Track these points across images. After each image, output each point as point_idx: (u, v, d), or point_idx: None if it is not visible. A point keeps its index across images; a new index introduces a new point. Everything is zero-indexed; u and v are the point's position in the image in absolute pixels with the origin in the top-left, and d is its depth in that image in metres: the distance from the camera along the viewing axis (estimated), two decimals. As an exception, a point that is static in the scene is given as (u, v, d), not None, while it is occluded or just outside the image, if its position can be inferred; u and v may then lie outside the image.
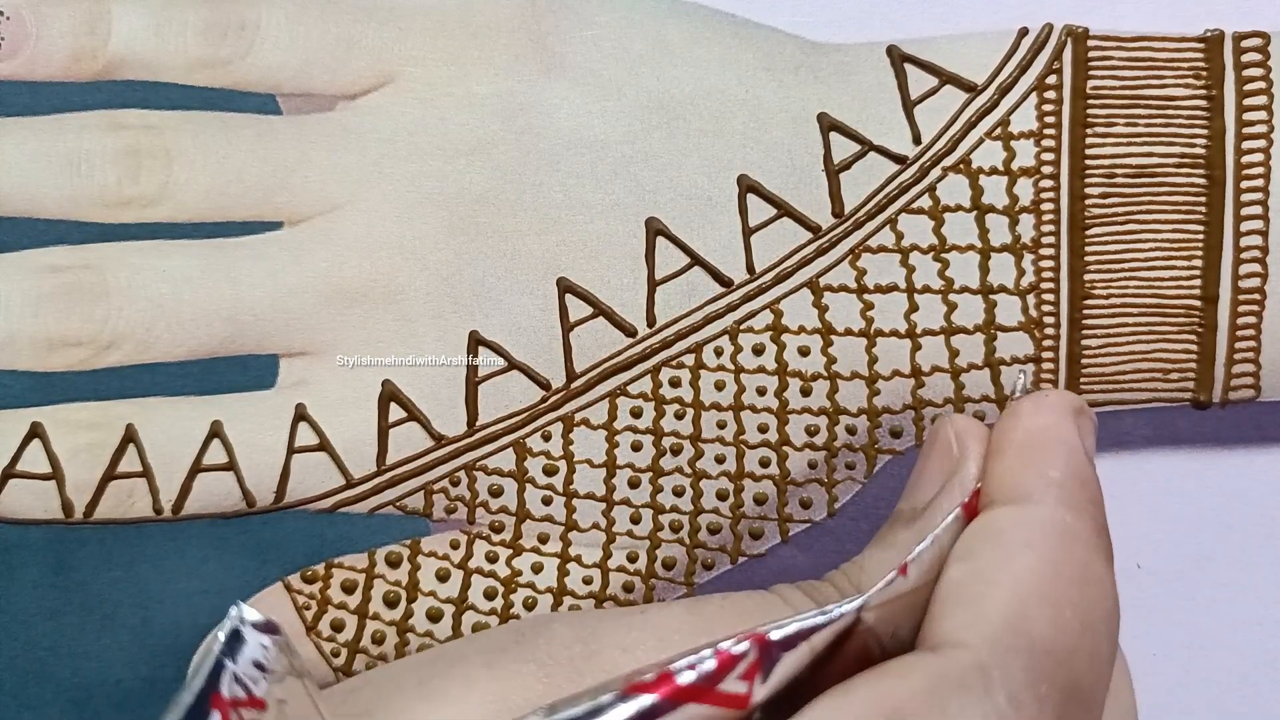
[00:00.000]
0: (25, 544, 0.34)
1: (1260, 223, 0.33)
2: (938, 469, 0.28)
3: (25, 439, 0.32)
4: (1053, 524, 0.24)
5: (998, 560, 0.24)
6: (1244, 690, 0.39)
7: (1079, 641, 0.23)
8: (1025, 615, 0.23)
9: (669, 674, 0.21)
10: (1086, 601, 0.24)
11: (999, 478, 0.26)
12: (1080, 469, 0.26)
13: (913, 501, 0.28)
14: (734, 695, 0.22)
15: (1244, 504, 0.38)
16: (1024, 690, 0.22)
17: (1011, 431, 0.26)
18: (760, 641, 0.22)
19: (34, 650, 0.35)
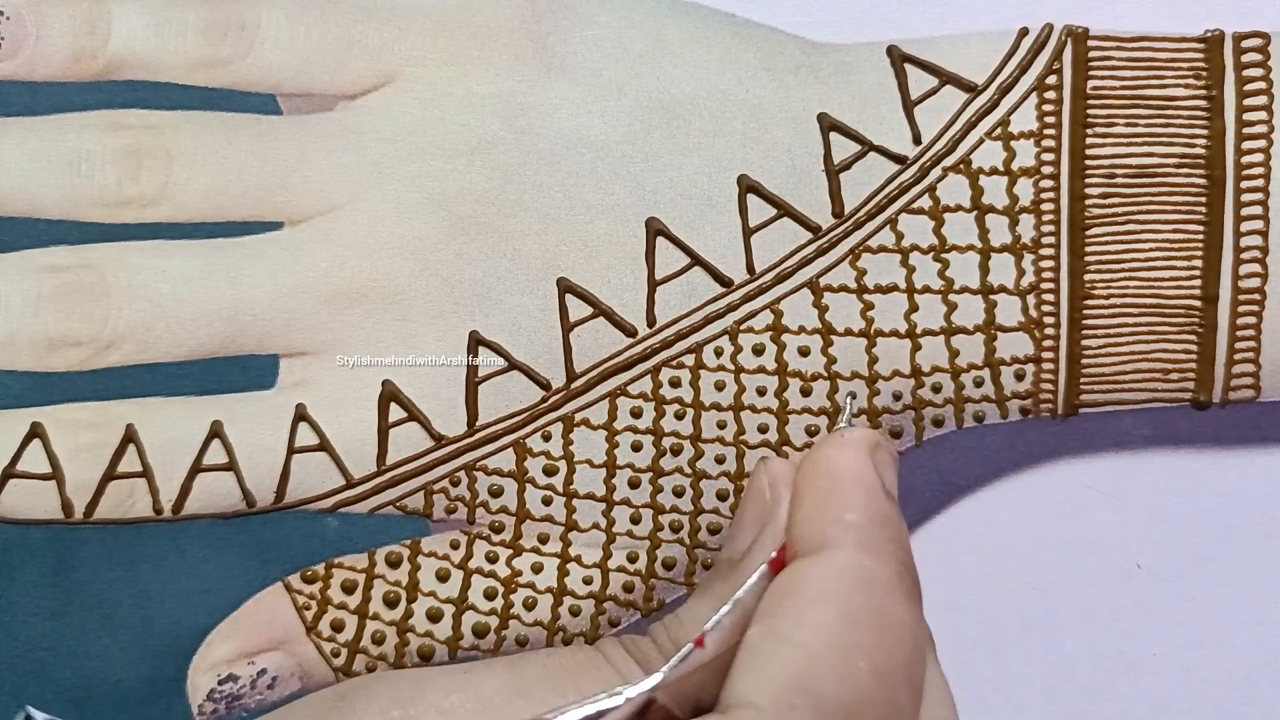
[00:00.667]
0: (25, 544, 0.34)
1: (1260, 223, 0.33)
2: (752, 517, 0.27)
3: (25, 439, 0.32)
4: (849, 570, 0.24)
5: (793, 616, 0.24)
6: (1244, 690, 0.39)
7: (873, 693, 0.23)
8: (814, 672, 0.23)
9: None
10: (882, 649, 0.24)
11: (798, 526, 0.25)
12: (879, 509, 0.25)
13: (730, 552, 0.27)
14: None
15: (1244, 504, 0.38)
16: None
17: (810, 476, 0.26)
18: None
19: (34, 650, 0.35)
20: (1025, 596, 0.38)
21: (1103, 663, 0.38)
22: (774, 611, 0.24)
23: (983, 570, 0.38)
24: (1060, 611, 0.38)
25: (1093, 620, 0.38)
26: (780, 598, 0.24)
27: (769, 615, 0.24)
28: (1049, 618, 0.38)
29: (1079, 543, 0.38)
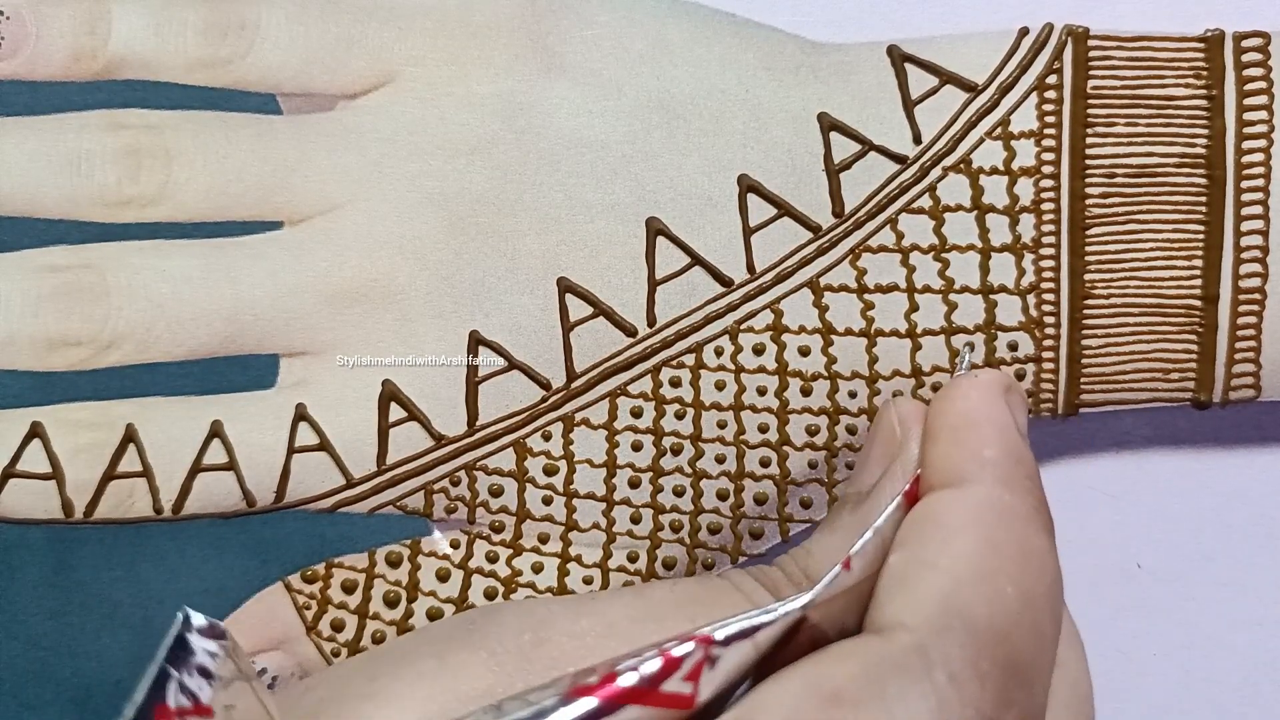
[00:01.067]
0: (25, 544, 0.34)
1: (1260, 223, 0.33)
2: (881, 453, 0.28)
3: (25, 439, 0.32)
4: (989, 503, 0.24)
5: (936, 544, 0.24)
6: (1244, 690, 0.39)
7: (1019, 617, 0.23)
8: (962, 595, 0.23)
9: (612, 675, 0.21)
10: (1026, 577, 0.24)
11: (935, 461, 0.26)
12: (1014, 447, 0.26)
13: (858, 486, 0.28)
14: (678, 695, 0.22)
15: (1244, 504, 0.38)
16: (964, 668, 0.22)
17: (944, 414, 0.26)
18: (704, 642, 0.22)
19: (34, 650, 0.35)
20: (1025, 596, 0.38)
21: (1103, 663, 0.38)
22: (916, 539, 0.24)
23: (983, 570, 0.38)
24: (1060, 611, 0.38)
25: (1093, 620, 0.38)
26: (921, 526, 0.25)
27: (911, 543, 0.24)
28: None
29: (1079, 543, 0.38)
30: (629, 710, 0.21)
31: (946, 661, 0.22)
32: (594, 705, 0.21)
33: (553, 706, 0.21)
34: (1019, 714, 0.23)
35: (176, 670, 0.20)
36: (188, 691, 0.20)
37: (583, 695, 0.21)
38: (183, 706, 0.20)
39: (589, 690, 0.21)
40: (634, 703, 0.21)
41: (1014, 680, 0.23)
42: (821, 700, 0.21)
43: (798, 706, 0.21)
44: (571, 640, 0.24)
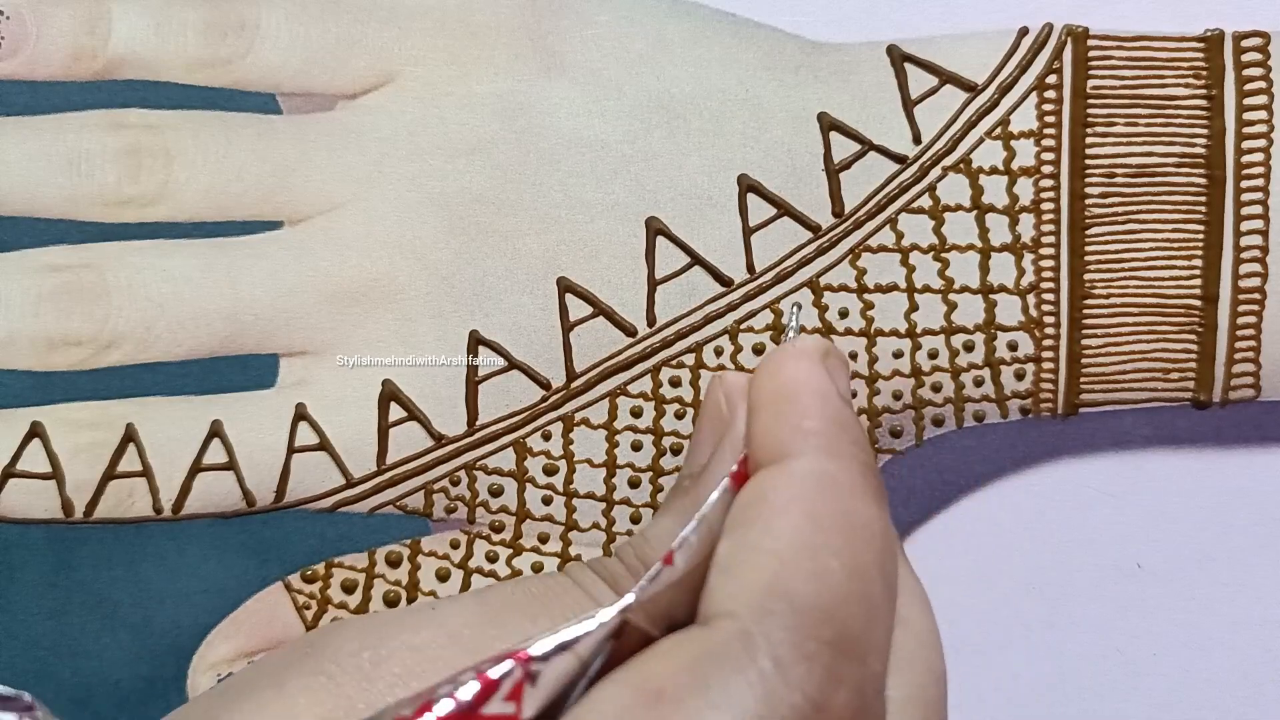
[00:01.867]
0: (25, 544, 0.34)
1: (1260, 223, 0.33)
2: (709, 431, 0.27)
3: (25, 439, 0.32)
4: (811, 475, 0.24)
5: (760, 525, 0.24)
6: (1244, 690, 0.39)
7: (846, 590, 0.23)
8: (785, 575, 0.23)
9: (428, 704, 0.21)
10: (851, 548, 0.23)
11: (759, 437, 0.25)
12: (836, 413, 0.25)
13: (690, 467, 0.27)
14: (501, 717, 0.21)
15: (1244, 504, 0.38)
16: (788, 651, 0.22)
17: (764, 388, 0.26)
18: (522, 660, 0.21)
19: (35, 650, 0.35)
20: (1025, 596, 0.38)
21: (1103, 663, 0.38)
22: (741, 523, 0.24)
23: (983, 570, 0.38)
24: (1060, 611, 0.38)
25: (1093, 620, 0.38)
26: (746, 509, 0.24)
27: (737, 528, 0.24)
28: (1049, 618, 0.38)
29: (1079, 543, 0.38)
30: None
31: (770, 646, 0.22)
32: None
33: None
34: (851, 689, 0.22)
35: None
36: None
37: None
38: None
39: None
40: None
41: (843, 656, 0.22)
42: (645, 699, 0.21)
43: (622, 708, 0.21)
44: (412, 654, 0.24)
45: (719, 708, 0.21)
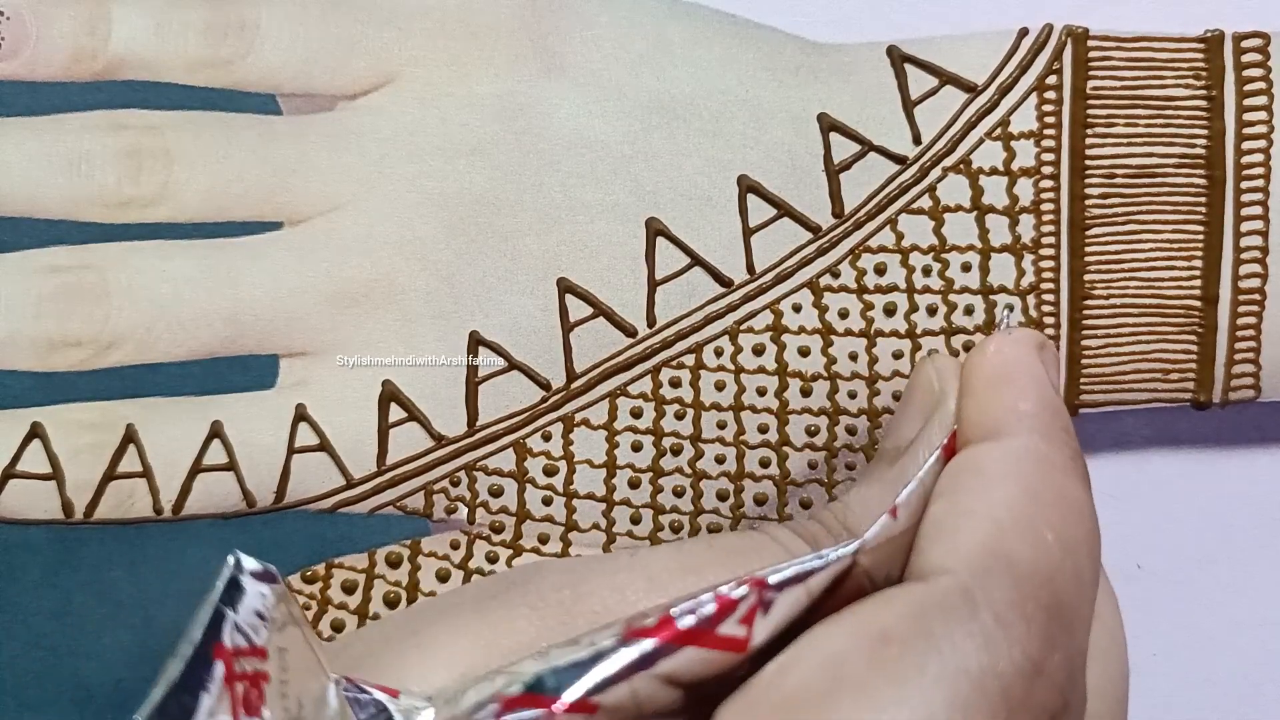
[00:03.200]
0: (25, 544, 0.34)
1: (1260, 223, 0.33)
2: (919, 407, 0.28)
3: (25, 439, 0.32)
4: (1028, 453, 0.25)
5: (976, 492, 0.24)
6: (1244, 690, 0.39)
7: (1060, 562, 0.23)
8: (1004, 540, 0.23)
9: (669, 618, 0.21)
10: (1065, 524, 0.24)
11: (972, 415, 0.26)
12: (1049, 400, 0.26)
13: (896, 440, 0.28)
14: (732, 638, 0.22)
15: (1244, 504, 0.38)
16: (1009, 610, 0.22)
17: (980, 369, 0.27)
18: (758, 585, 0.22)
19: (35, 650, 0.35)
20: (1025, 596, 0.38)
21: (1103, 663, 0.38)
22: (955, 489, 0.25)
23: (983, 570, 0.38)
24: (1060, 611, 0.38)
25: (1093, 620, 0.38)
26: (960, 477, 0.25)
27: (951, 493, 0.25)
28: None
29: (1079, 543, 0.38)
30: (686, 652, 0.21)
31: (991, 603, 0.22)
32: (652, 646, 0.21)
33: (611, 647, 0.21)
34: (1063, 657, 0.23)
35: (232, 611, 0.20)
36: (242, 632, 0.20)
37: (641, 637, 0.21)
38: (239, 646, 0.20)
39: (646, 632, 0.21)
40: (691, 644, 0.21)
41: (1057, 624, 0.23)
42: (870, 640, 0.21)
43: (847, 647, 0.21)
44: (613, 593, 0.24)
45: (943, 655, 0.21)
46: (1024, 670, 0.22)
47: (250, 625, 0.20)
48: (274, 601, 0.21)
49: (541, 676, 0.21)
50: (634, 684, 0.21)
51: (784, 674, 0.21)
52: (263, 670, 0.20)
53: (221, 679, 0.19)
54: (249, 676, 0.20)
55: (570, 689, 0.21)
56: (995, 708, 0.21)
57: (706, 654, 0.21)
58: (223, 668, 0.19)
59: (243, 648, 0.20)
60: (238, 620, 0.20)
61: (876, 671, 0.21)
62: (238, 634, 0.20)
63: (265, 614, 0.20)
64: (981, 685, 0.21)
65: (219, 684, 0.19)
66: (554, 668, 0.21)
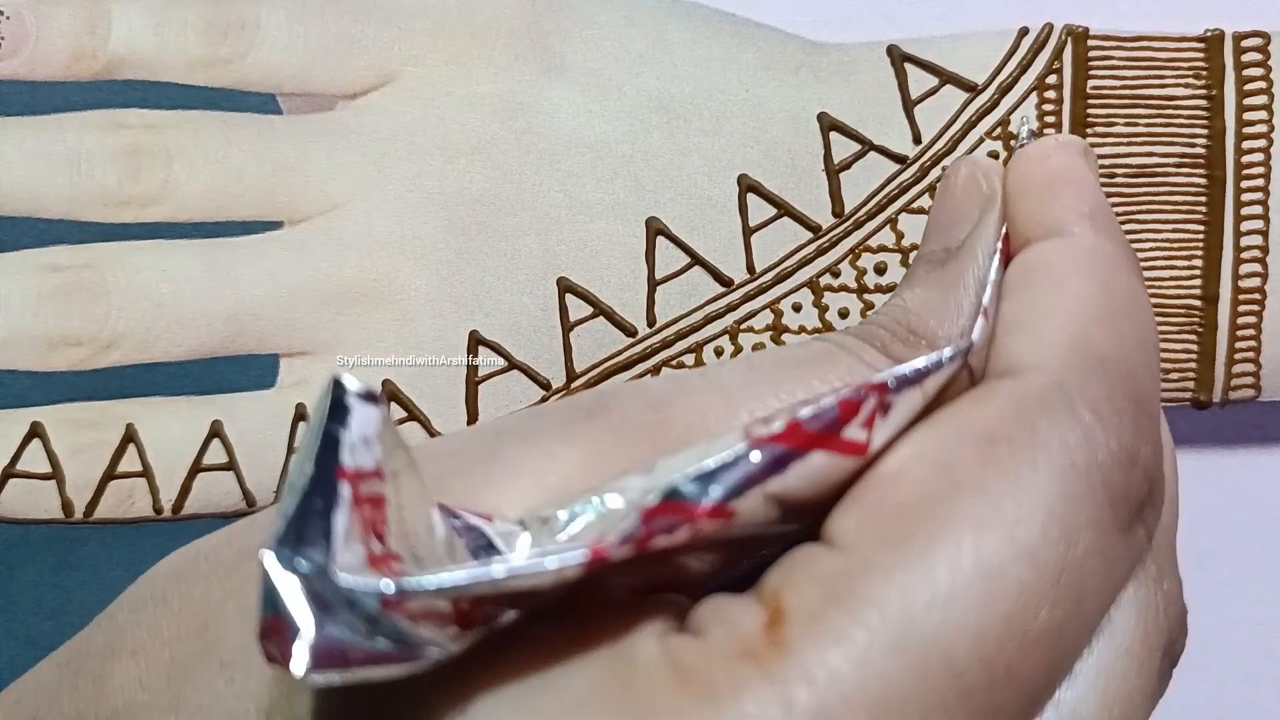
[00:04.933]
0: (25, 544, 0.34)
1: (1260, 223, 0.33)
2: (964, 208, 0.27)
3: (25, 439, 0.32)
4: (1096, 251, 0.25)
5: (1049, 288, 0.24)
6: (1244, 690, 0.39)
7: (1139, 357, 0.24)
8: (1088, 334, 0.23)
9: (796, 423, 0.21)
10: (1140, 320, 0.24)
11: (1030, 215, 0.26)
12: (1104, 202, 0.26)
13: (943, 241, 0.27)
14: (854, 443, 0.21)
15: (1244, 504, 0.38)
16: (1103, 403, 0.22)
17: (1034, 172, 0.26)
18: (878, 390, 0.22)
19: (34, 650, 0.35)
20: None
21: (1103, 663, 0.38)
22: (1029, 285, 0.24)
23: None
24: (1060, 611, 0.38)
25: (1093, 620, 0.38)
26: (1029, 273, 0.25)
27: (1021, 289, 0.24)
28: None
29: (1079, 543, 0.38)
30: (815, 456, 0.21)
31: (1086, 397, 0.22)
32: (780, 451, 0.20)
33: (743, 452, 0.20)
34: (1152, 450, 0.23)
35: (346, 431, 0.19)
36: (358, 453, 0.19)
37: (767, 443, 0.21)
38: (360, 469, 0.19)
39: (774, 439, 0.21)
40: (818, 447, 0.21)
41: (1145, 416, 0.23)
42: (976, 441, 0.21)
43: (956, 450, 0.21)
44: (694, 414, 0.24)
45: (1050, 451, 0.21)
46: (1121, 460, 0.22)
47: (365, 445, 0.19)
48: (381, 423, 0.20)
49: (677, 485, 0.20)
50: (767, 489, 0.21)
51: (897, 480, 0.21)
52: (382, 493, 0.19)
53: (350, 501, 0.18)
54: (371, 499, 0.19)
55: (708, 496, 0.20)
56: (1099, 498, 0.22)
57: (831, 458, 0.21)
58: (349, 489, 0.18)
59: (364, 470, 0.19)
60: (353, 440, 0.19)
61: (989, 472, 0.21)
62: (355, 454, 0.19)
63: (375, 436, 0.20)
64: (1088, 477, 0.22)
65: (348, 506, 0.18)
66: (687, 475, 0.20)
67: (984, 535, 0.20)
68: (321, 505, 0.18)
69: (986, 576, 0.20)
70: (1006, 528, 0.21)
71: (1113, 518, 0.22)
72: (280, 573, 0.17)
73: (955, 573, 0.20)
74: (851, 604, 0.20)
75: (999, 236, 0.26)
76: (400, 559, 0.19)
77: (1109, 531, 0.22)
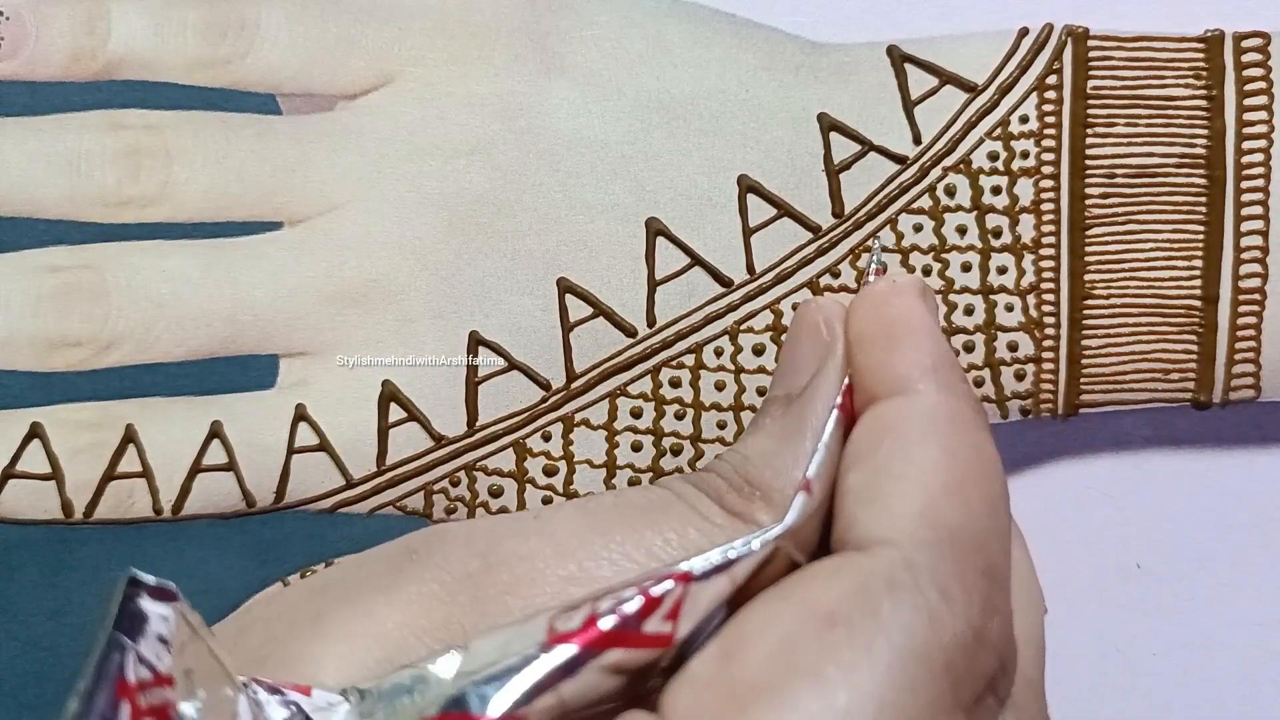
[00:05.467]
0: (25, 544, 0.34)
1: (1260, 223, 0.33)
2: (807, 354, 0.27)
3: (25, 439, 0.32)
4: (940, 411, 0.24)
5: (898, 455, 0.24)
6: (1244, 690, 0.39)
7: (989, 524, 0.23)
8: (937, 507, 0.23)
9: (593, 618, 0.21)
10: (987, 483, 0.24)
11: (873, 370, 0.25)
12: (946, 352, 0.26)
13: (786, 387, 0.27)
14: (658, 635, 0.21)
15: (1244, 504, 0.38)
16: (952, 582, 0.22)
17: (872, 320, 0.26)
18: (683, 579, 0.22)
19: (34, 650, 0.35)
20: (1025, 596, 0.38)
21: (1103, 663, 0.38)
22: (872, 453, 0.24)
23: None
24: (1060, 611, 0.38)
25: (1093, 620, 0.38)
26: (875, 438, 0.24)
27: (868, 457, 0.24)
28: (1049, 617, 0.38)
29: (1079, 543, 0.38)
30: (611, 654, 0.21)
31: (934, 575, 0.22)
32: (575, 652, 0.21)
33: (534, 655, 0.21)
34: (1001, 621, 0.23)
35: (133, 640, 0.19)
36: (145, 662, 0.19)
37: (563, 641, 0.21)
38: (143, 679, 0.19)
39: (569, 637, 0.21)
40: (615, 646, 0.21)
41: (994, 587, 0.23)
42: (817, 622, 0.21)
43: (792, 630, 0.21)
44: (521, 562, 0.24)
45: (890, 635, 0.21)
46: (967, 641, 0.22)
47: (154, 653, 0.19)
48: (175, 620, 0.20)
49: (464, 694, 0.20)
50: (560, 692, 0.21)
51: (730, 663, 0.21)
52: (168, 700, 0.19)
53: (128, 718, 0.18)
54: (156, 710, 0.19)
55: (491, 706, 0.20)
56: (940, 682, 0.21)
57: (632, 653, 0.21)
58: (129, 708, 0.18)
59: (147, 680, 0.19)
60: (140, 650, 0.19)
61: (827, 658, 0.21)
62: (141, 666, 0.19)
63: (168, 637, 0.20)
64: (928, 661, 0.21)
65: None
66: (475, 681, 0.20)
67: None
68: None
69: None
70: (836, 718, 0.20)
71: (955, 700, 0.21)
72: None
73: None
74: None
75: (839, 390, 0.26)
76: None
77: (951, 715, 0.21)
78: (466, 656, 0.21)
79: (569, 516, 0.25)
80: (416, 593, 0.23)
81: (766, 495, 0.25)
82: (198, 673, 0.20)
